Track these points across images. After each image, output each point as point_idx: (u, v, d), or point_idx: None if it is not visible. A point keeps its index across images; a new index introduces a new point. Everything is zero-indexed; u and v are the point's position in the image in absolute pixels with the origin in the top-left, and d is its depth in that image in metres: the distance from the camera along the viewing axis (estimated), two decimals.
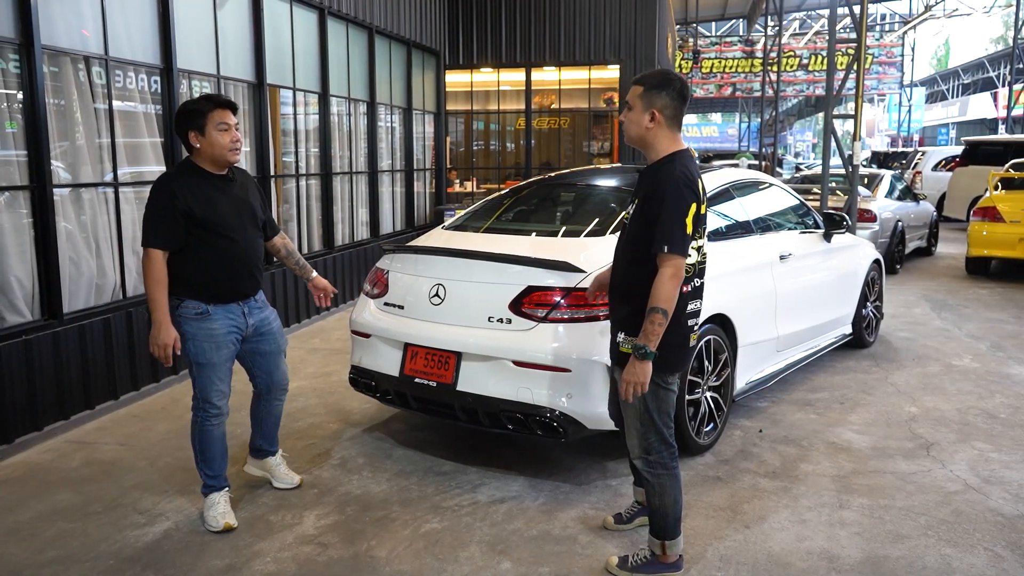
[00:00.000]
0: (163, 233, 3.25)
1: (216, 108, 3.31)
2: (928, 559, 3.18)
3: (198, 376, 3.44)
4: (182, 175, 3.36)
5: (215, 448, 3.51)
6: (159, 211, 3.26)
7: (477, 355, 3.82)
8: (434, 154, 11.55)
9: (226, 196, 3.40)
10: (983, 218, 9.90)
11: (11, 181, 4.46)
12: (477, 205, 5.16)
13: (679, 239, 2.75)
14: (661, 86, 2.89)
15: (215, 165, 3.38)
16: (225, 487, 3.56)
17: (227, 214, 3.37)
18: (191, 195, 3.28)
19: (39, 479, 4.01)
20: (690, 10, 27.11)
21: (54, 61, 4.73)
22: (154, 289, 3.25)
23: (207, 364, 3.41)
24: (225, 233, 3.36)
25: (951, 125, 45.38)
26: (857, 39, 9.68)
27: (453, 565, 3.17)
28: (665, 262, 2.76)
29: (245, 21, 6.64)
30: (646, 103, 2.89)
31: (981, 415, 4.89)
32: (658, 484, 3.00)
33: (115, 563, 3.19)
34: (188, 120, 3.31)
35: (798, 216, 5.67)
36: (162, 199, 3.27)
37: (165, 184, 3.31)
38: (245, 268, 3.45)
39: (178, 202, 3.25)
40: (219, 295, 3.40)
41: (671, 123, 2.91)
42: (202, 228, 3.30)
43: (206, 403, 3.47)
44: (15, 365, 4.35)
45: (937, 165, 18.70)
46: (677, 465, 3.02)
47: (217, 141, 3.31)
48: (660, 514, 3.02)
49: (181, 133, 3.35)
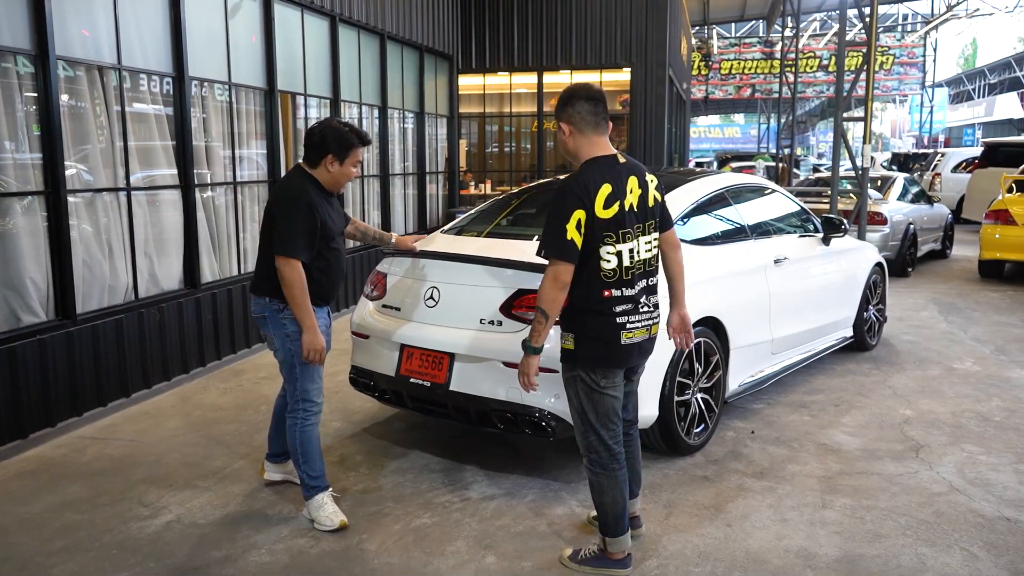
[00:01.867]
0: (307, 245, 3.45)
1: (361, 146, 3.58)
2: (903, 558, 3.25)
3: (301, 375, 3.58)
4: (313, 189, 3.53)
5: (316, 448, 3.64)
6: (302, 224, 3.44)
7: (469, 356, 3.94)
8: (447, 157, 11.69)
9: (335, 210, 3.68)
10: (996, 221, 9.85)
11: (27, 186, 4.64)
12: (478, 209, 5.27)
13: (555, 244, 2.87)
14: (567, 100, 3.02)
15: (330, 188, 3.62)
16: (328, 486, 3.67)
17: (336, 227, 3.64)
18: (321, 210, 3.51)
19: (51, 473, 4.18)
20: (710, 11, 27.08)
21: (68, 69, 4.91)
22: (303, 297, 3.43)
23: (311, 363, 3.56)
24: (333, 244, 3.61)
25: (977, 126, 44.82)
26: (867, 41, 9.68)
27: (439, 558, 3.28)
28: (548, 266, 2.89)
29: (256, 28, 6.81)
30: (560, 119, 3.04)
31: (975, 418, 4.92)
32: (596, 483, 3.10)
33: (118, 553, 3.35)
34: (335, 146, 3.51)
35: (796, 220, 5.72)
36: (303, 213, 3.44)
37: (302, 198, 3.47)
38: (342, 274, 3.74)
39: (315, 216, 3.47)
40: (323, 298, 3.63)
41: (585, 128, 3.00)
42: (320, 240, 3.53)
43: (307, 402, 3.60)
44: (30, 363, 4.53)
45: (957, 167, 18.56)
46: (619, 467, 3.09)
47: (347, 173, 3.58)
48: (600, 511, 3.14)
49: (319, 152, 3.52)
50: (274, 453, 3.99)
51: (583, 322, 2.98)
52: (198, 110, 6.11)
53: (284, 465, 3.99)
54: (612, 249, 2.93)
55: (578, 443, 3.15)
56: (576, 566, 3.17)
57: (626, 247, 2.96)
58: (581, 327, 2.98)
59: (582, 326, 2.98)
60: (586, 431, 3.08)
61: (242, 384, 5.73)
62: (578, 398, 3.06)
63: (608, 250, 2.93)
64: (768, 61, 28.34)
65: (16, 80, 4.56)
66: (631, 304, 2.99)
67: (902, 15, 35.13)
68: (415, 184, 10.55)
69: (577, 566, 3.17)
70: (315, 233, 3.47)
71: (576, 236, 2.87)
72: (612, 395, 3.05)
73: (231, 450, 4.47)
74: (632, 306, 3.00)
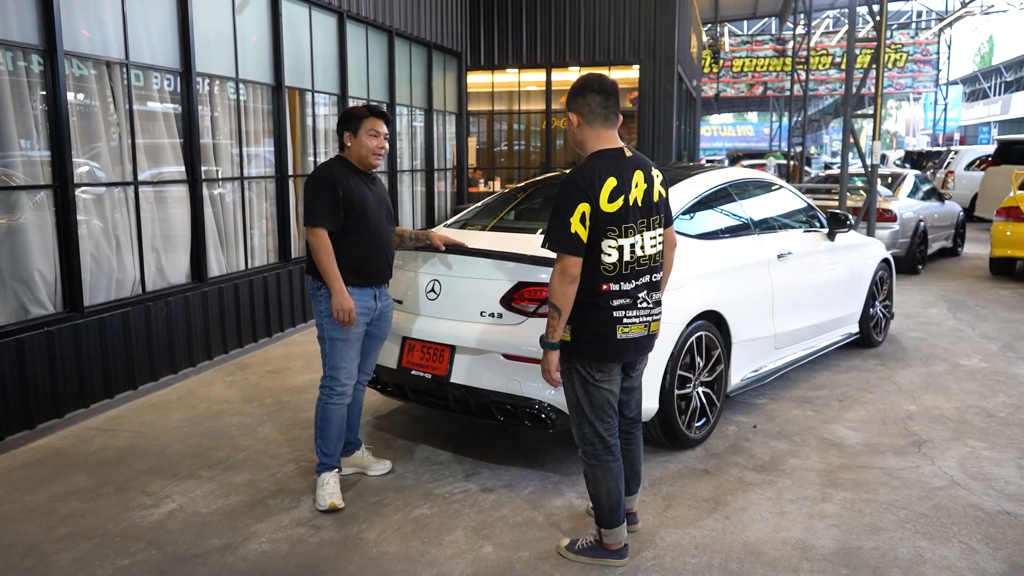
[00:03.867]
0: (329, 214, 3.59)
1: (371, 116, 3.71)
2: (901, 551, 3.24)
3: (330, 352, 3.72)
4: (338, 166, 3.71)
5: (335, 428, 3.76)
6: (323, 195, 3.60)
7: (469, 348, 3.96)
8: (456, 154, 11.72)
9: (371, 191, 3.77)
10: (1007, 218, 9.78)
11: (35, 180, 4.70)
12: (482, 203, 5.29)
13: (559, 238, 2.87)
14: (578, 91, 3.02)
15: (361, 164, 3.74)
16: (337, 467, 3.80)
17: (371, 206, 3.73)
18: (347, 184, 3.64)
19: (58, 462, 4.24)
20: (721, 8, 26.99)
21: (80, 67, 4.96)
22: (329, 263, 3.57)
23: (341, 340, 3.69)
24: (368, 223, 3.70)
25: (992, 124, 44.43)
26: (877, 38, 9.63)
27: (437, 548, 3.31)
28: (556, 261, 2.90)
29: (264, 25, 6.86)
30: (570, 109, 3.04)
31: (980, 414, 4.90)
32: (591, 474, 3.12)
33: (121, 540, 3.39)
34: (346, 122, 3.71)
35: (801, 215, 5.71)
36: (324, 185, 3.61)
37: (326, 173, 3.66)
38: (382, 255, 3.80)
39: (337, 188, 3.60)
40: (359, 278, 3.70)
41: (594, 120, 2.99)
42: (350, 216, 3.63)
43: (333, 380, 3.73)
44: (38, 355, 4.59)
45: (970, 165, 18.41)
46: (613, 459, 3.10)
47: (365, 144, 3.69)
48: (596, 503, 3.15)
49: (339, 132, 3.75)
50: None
51: (581, 315, 2.97)
52: (206, 106, 6.16)
53: (351, 457, 4.03)
54: (614, 243, 2.92)
55: (574, 435, 3.17)
56: (573, 556, 3.19)
57: (627, 241, 2.94)
58: (578, 320, 2.98)
59: (579, 319, 2.98)
60: (581, 423, 3.09)
61: (248, 378, 5.78)
62: (574, 390, 3.07)
63: (610, 244, 2.92)
64: (780, 59, 28.23)
65: (25, 76, 4.61)
66: (629, 299, 2.98)
67: (916, 12, 34.87)
68: (423, 181, 10.59)
69: (574, 556, 3.19)
70: (336, 203, 3.59)
71: (581, 229, 2.86)
72: (608, 389, 3.05)
73: (235, 442, 4.51)
74: (630, 301, 2.99)
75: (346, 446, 3.99)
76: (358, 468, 4.04)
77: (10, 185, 4.58)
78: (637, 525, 3.42)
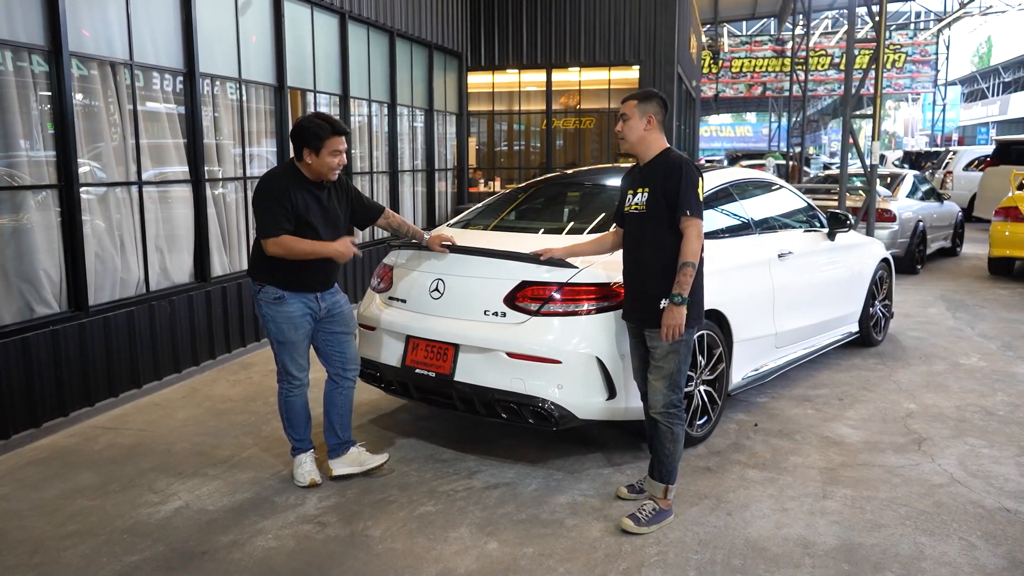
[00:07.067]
0: (284, 221, 3.62)
1: (334, 135, 3.66)
2: (902, 547, 3.27)
3: (279, 353, 3.87)
4: (287, 176, 3.71)
5: (299, 415, 3.94)
6: (276, 204, 3.63)
7: (473, 347, 3.99)
8: (456, 154, 11.75)
9: (318, 202, 3.77)
10: (1005, 218, 9.82)
11: (40, 180, 4.73)
12: (484, 203, 5.32)
13: (697, 204, 3.35)
14: (650, 97, 3.56)
15: (316, 178, 3.74)
16: (310, 449, 4.00)
17: (317, 218, 3.74)
18: (294, 196, 3.66)
19: (64, 460, 4.26)
20: (720, 9, 27.03)
21: (82, 67, 4.99)
22: (303, 247, 3.64)
23: (286, 343, 3.83)
24: (317, 235, 3.72)
25: (991, 124, 44.51)
26: (876, 39, 9.66)
27: (442, 544, 3.34)
28: (689, 224, 3.33)
29: (266, 25, 6.89)
30: (641, 111, 3.52)
31: (979, 412, 4.93)
32: (677, 435, 3.48)
33: (128, 537, 3.42)
34: (307, 139, 3.64)
35: (801, 215, 5.74)
36: (276, 195, 3.64)
37: (277, 182, 3.68)
38: (321, 267, 3.80)
39: (287, 198, 3.64)
40: (295, 285, 3.76)
41: (660, 126, 3.55)
42: (294, 226, 3.66)
43: (287, 375, 3.90)
44: (43, 354, 4.62)
45: (968, 165, 18.46)
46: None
47: (327, 163, 3.68)
48: (670, 459, 3.49)
49: (297, 145, 3.69)
50: (331, 448, 4.04)
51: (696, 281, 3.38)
52: (208, 106, 6.19)
53: (347, 456, 4.04)
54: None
55: (658, 403, 3.44)
56: (646, 529, 3.40)
57: None
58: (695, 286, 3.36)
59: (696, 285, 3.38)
60: (673, 388, 3.44)
61: (251, 376, 5.81)
62: (678, 355, 3.41)
63: None
64: (779, 59, 28.29)
65: (30, 77, 4.64)
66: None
67: (915, 12, 34.92)
68: (424, 181, 10.62)
69: (647, 528, 3.40)
70: (288, 211, 3.62)
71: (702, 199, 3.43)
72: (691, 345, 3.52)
73: (240, 440, 4.54)
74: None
75: (341, 447, 4.02)
76: (357, 466, 4.04)
77: (16, 185, 4.61)
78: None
